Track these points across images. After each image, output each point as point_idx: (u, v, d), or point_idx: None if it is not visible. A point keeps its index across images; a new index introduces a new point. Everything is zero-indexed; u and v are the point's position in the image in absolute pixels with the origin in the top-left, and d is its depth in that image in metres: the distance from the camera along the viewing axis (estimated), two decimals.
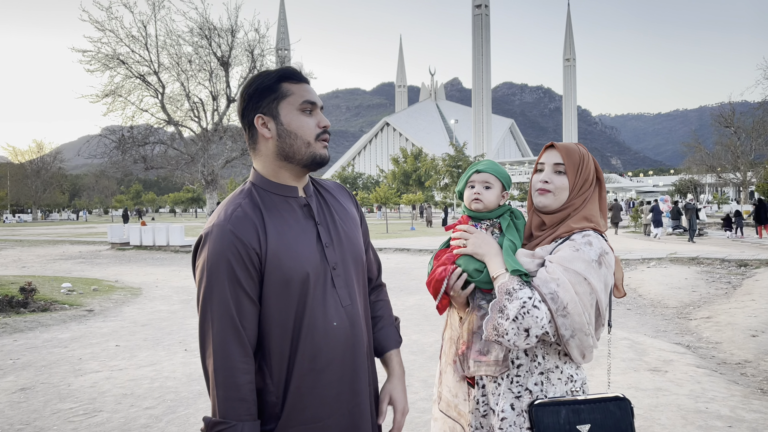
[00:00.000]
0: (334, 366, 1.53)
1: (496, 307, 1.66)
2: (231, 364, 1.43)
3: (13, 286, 10.47)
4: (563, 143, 1.86)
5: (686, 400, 4.73)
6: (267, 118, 1.55)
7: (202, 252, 1.49)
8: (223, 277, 1.45)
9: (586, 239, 1.70)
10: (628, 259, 15.15)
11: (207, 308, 1.46)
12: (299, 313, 1.51)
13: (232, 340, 1.44)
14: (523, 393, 1.70)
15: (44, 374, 5.73)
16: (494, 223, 1.91)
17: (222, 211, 1.54)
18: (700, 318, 8.39)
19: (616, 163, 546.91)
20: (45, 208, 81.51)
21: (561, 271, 1.63)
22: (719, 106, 47.44)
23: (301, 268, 1.51)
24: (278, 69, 1.60)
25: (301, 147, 1.56)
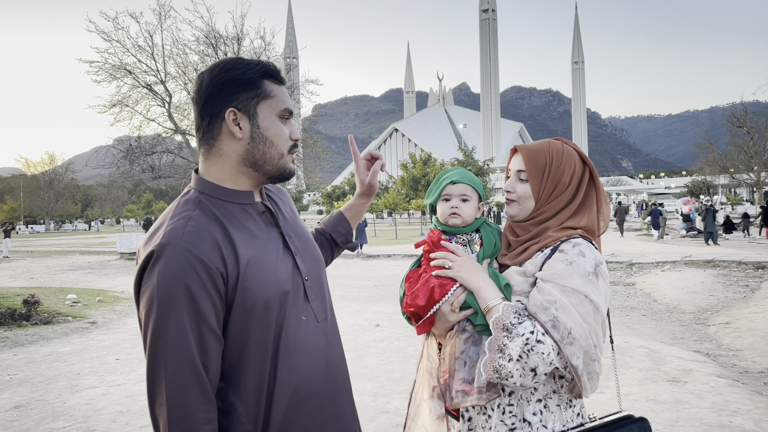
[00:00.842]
0: (316, 393, 1.35)
1: (494, 347, 1.43)
2: (189, 415, 1.18)
3: (18, 298, 10.36)
4: (529, 145, 1.65)
5: (708, 413, 4.48)
6: (241, 115, 1.33)
7: (150, 277, 1.20)
8: (181, 308, 1.18)
9: (578, 249, 1.49)
10: (642, 262, 14.85)
11: (159, 347, 1.18)
12: (277, 338, 1.30)
13: (191, 386, 1.18)
14: (518, 425, 1.48)
15: (40, 390, 5.57)
16: (472, 239, 1.69)
17: (169, 226, 1.25)
18: (718, 324, 8.10)
19: (626, 166, 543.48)
20: (57, 219, 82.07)
21: (558, 292, 1.43)
22: (731, 107, 46.83)
23: (279, 285, 1.31)
24: (260, 62, 1.37)
25: (274, 157, 1.37)
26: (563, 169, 1.60)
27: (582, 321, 1.40)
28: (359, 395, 5.12)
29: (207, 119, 1.34)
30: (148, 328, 1.20)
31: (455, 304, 1.57)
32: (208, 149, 1.37)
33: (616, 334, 7.48)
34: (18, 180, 76.12)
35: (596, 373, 1.44)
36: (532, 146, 1.64)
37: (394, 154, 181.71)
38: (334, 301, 10.46)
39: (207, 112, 1.34)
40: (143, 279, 1.22)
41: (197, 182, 1.38)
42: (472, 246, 1.68)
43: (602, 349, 1.45)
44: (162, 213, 1.37)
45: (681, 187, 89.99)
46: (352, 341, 7.26)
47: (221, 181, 1.36)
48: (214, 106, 1.33)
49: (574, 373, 1.40)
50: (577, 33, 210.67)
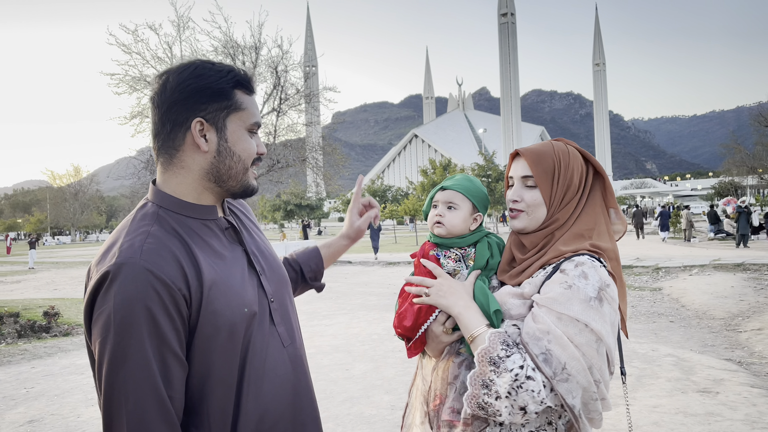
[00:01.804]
0: (282, 423, 1.25)
1: (478, 381, 1.27)
2: None
3: (40, 310, 10.42)
4: (532, 147, 1.48)
5: (742, 426, 4.25)
6: (208, 127, 1.21)
7: (106, 301, 1.07)
8: (142, 334, 1.06)
9: (580, 270, 1.31)
10: (669, 266, 14.48)
11: (118, 378, 1.05)
12: (242, 365, 1.20)
13: (156, 419, 1.06)
14: None
15: (55, 404, 5.53)
16: (467, 254, 1.52)
17: (124, 244, 1.13)
18: (750, 330, 7.79)
19: (651, 168, 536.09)
20: (83, 230, 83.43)
21: (553, 321, 1.26)
22: (758, 106, 45.92)
23: (244, 306, 1.21)
24: (232, 69, 1.25)
25: (239, 173, 1.27)
26: (572, 169, 1.44)
27: (580, 354, 1.23)
28: (376, 408, 4.98)
29: (169, 126, 1.22)
30: (104, 358, 1.07)
31: (447, 324, 1.42)
32: (169, 159, 1.25)
33: (643, 341, 7.24)
34: (44, 192, 77.73)
35: (599, 413, 1.27)
36: (536, 149, 1.47)
37: (414, 160, 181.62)
38: (353, 309, 10.34)
39: (170, 119, 1.21)
40: (96, 303, 1.09)
41: (155, 195, 1.25)
42: (467, 261, 1.51)
43: (608, 385, 1.29)
44: (115, 229, 1.24)
45: (707, 188, 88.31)
46: (370, 351, 7.12)
47: (182, 195, 1.25)
48: (179, 114, 1.20)
49: (571, 413, 1.24)
50: (598, 34, 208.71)
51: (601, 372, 1.26)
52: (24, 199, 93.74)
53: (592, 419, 1.28)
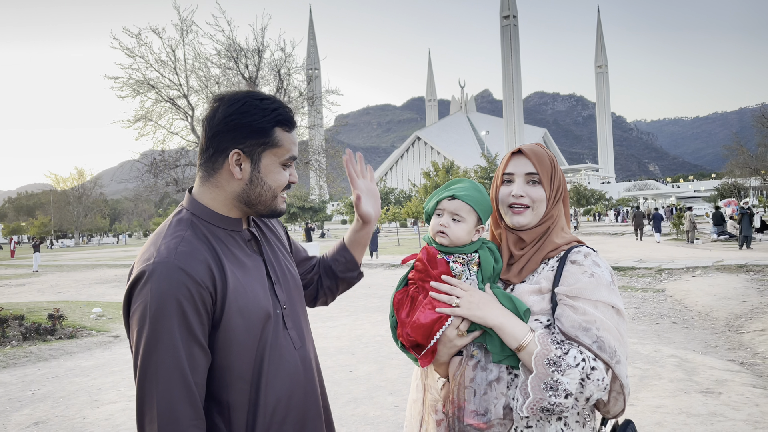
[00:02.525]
0: (291, 416, 1.38)
1: (539, 385, 1.30)
2: (180, 430, 1.19)
3: (44, 313, 10.47)
4: (532, 147, 1.55)
5: (744, 426, 4.27)
6: (244, 158, 1.36)
7: (141, 295, 1.22)
8: (173, 324, 1.20)
9: (591, 260, 1.43)
10: (672, 268, 14.48)
11: (151, 363, 1.20)
12: (258, 360, 1.33)
13: (182, 401, 1.20)
14: None
15: (61, 406, 5.57)
16: (471, 258, 1.52)
17: (161, 246, 1.28)
18: (753, 331, 7.80)
19: (654, 170, 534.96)
20: (87, 233, 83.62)
21: (592, 308, 1.35)
22: (761, 107, 45.85)
23: (261, 309, 1.34)
24: (276, 108, 1.37)
25: (268, 199, 1.41)
26: (560, 171, 1.57)
27: (619, 335, 1.34)
28: (380, 409, 5.01)
29: (212, 151, 1.36)
30: (139, 345, 1.21)
31: (462, 327, 1.44)
32: (207, 177, 1.39)
33: (645, 342, 7.25)
34: (48, 195, 77.92)
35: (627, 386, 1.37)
36: (535, 149, 1.56)
37: (417, 163, 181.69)
38: (356, 311, 10.35)
39: (213, 145, 1.36)
40: (133, 296, 1.25)
41: (191, 204, 1.40)
42: (470, 266, 1.52)
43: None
44: (154, 231, 1.41)
45: (710, 190, 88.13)
46: (374, 353, 7.15)
47: (214, 207, 1.39)
48: (221, 143, 1.35)
49: (622, 391, 1.33)
50: (600, 37, 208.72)
51: (626, 348, 1.37)
52: (28, 203, 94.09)
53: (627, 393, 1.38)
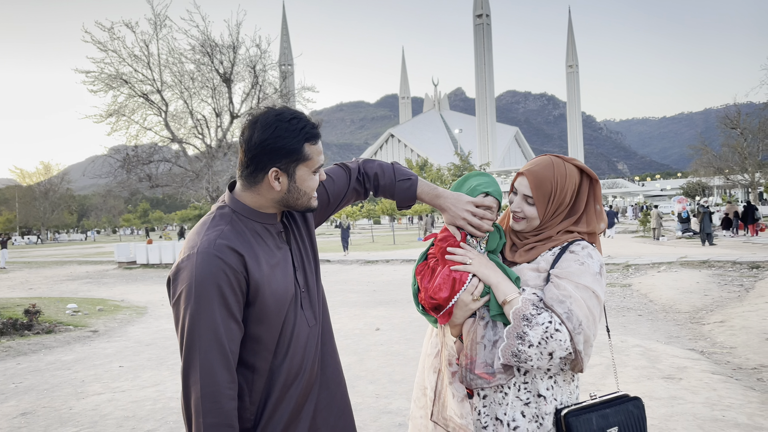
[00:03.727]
0: (302, 382, 1.62)
1: (513, 334, 1.64)
2: (219, 391, 1.42)
3: (18, 309, 10.41)
4: (535, 170, 1.81)
5: (702, 408, 4.59)
6: (281, 173, 1.57)
7: (185, 276, 1.46)
8: (213, 302, 1.43)
9: (587, 252, 1.73)
10: (638, 264, 14.98)
11: (194, 334, 1.43)
12: (282, 334, 1.58)
13: (220, 366, 1.43)
14: (533, 399, 1.69)
15: (46, 398, 5.65)
16: (482, 237, 1.87)
17: (204, 237, 1.51)
18: (713, 322, 8.21)
19: (622, 168, 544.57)
20: (53, 229, 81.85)
21: (572, 288, 1.65)
22: (725, 108, 47.10)
23: (286, 292, 1.58)
24: (304, 127, 1.58)
25: (303, 201, 1.64)
26: (566, 192, 1.79)
27: (589, 314, 1.61)
28: (361, 397, 5.21)
29: (252, 168, 1.57)
30: (185, 318, 1.44)
31: (476, 293, 1.74)
32: (248, 186, 1.60)
33: (614, 334, 7.60)
34: (13, 191, 75.97)
35: (589, 357, 1.65)
36: (539, 172, 1.80)
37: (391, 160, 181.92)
38: (333, 306, 10.54)
39: (254, 163, 1.56)
40: (179, 278, 1.48)
41: (232, 202, 1.62)
42: (482, 243, 1.87)
43: (595, 338, 1.67)
44: (198, 223, 1.63)
45: (676, 188, 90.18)
46: (353, 345, 7.35)
47: (254, 206, 1.61)
48: (260, 162, 1.56)
49: (578, 355, 1.61)
50: (571, 37, 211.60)
51: (596, 327, 1.67)
52: None
53: (587, 357, 1.66)
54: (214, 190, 23.36)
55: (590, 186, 1.85)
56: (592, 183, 1.85)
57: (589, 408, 1.67)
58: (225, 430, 1.42)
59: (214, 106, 23.67)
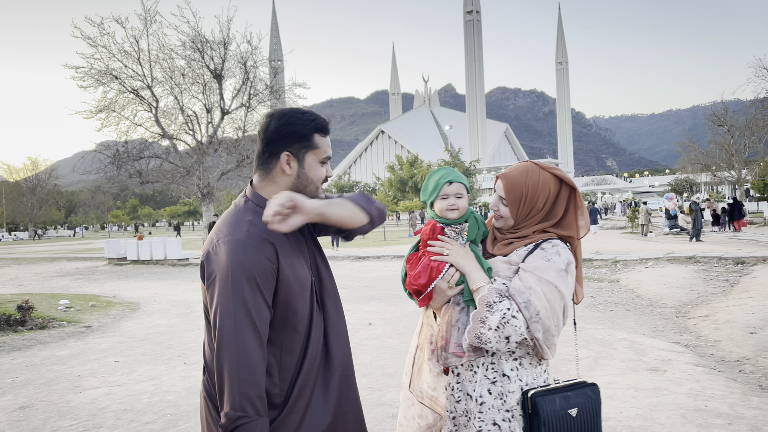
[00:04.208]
0: (319, 365, 1.76)
1: (477, 318, 1.81)
2: (251, 364, 1.56)
3: (10, 305, 10.43)
4: (510, 175, 1.98)
5: (685, 398, 4.74)
6: (292, 158, 1.74)
7: (221, 261, 1.60)
8: (247, 286, 1.58)
9: (556, 249, 1.88)
10: (626, 260, 15.18)
11: (230, 313, 1.56)
12: (308, 317, 1.73)
13: (253, 342, 1.57)
14: (499, 378, 1.86)
15: (43, 392, 5.72)
16: (462, 228, 2.04)
17: (235, 227, 1.66)
18: (698, 317, 8.40)
19: (611, 165, 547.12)
20: (41, 226, 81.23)
21: (535, 281, 1.80)
22: (712, 105, 47.50)
23: (306, 277, 1.73)
24: (315, 119, 1.77)
25: (311, 190, 1.79)
26: (537, 197, 1.94)
27: (549, 306, 1.77)
28: None
29: (267, 154, 1.75)
30: (220, 300, 1.59)
31: (451, 281, 1.92)
32: (265, 174, 1.77)
33: (600, 328, 7.76)
34: (0, 187, 75.30)
35: (554, 345, 1.82)
36: (512, 177, 1.97)
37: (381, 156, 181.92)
38: None
39: (269, 150, 1.74)
40: (212, 263, 1.63)
41: (253, 195, 1.78)
42: (463, 233, 2.02)
43: (560, 328, 1.82)
44: (226, 213, 1.78)
45: (664, 185, 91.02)
46: None
47: (267, 195, 1.75)
48: (274, 148, 1.73)
49: (537, 343, 1.78)
50: (561, 34, 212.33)
51: (558, 320, 1.81)
52: None
53: (550, 347, 1.82)
54: (205, 186, 23.37)
55: (571, 193, 1.99)
56: (573, 191, 1.99)
57: (553, 390, 1.84)
58: (257, 399, 1.55)
59: (205, 102, 23.67)
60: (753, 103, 38.53)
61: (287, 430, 1.65)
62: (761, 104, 34.91)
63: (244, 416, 1.53)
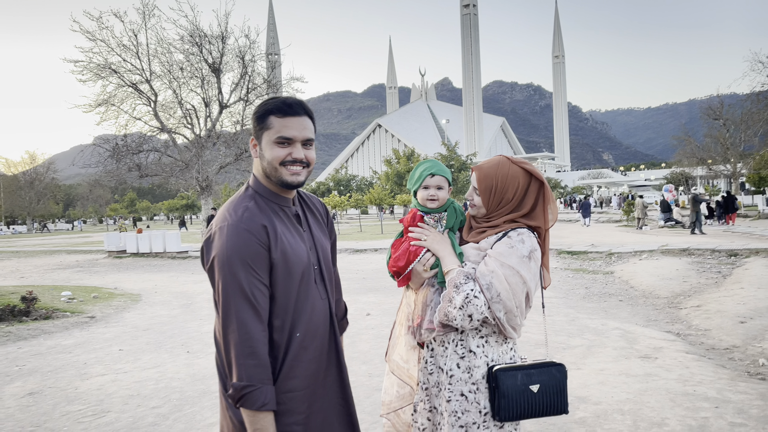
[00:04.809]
0: (315, 345, 1.89)
1: (446, 297, 2.01)
2: (253, 337, 1.69)
3: (13, 296, 10.55)
4: (483, 168, 2.15)
5: (675, 384, 4.91)
6: (256, 142, 1.89)
7: (217, 246, 1.74)
8: (242, 267, 1.70)
9: (520, 237, 2.03)
10: (621, 252, 15.37)
11: (229, 292, 1.70)
12: (297, 299, 1.83)
13: (253, 317, 1.70)
14: (466, 354, 2.04)
15: (51, 379, 5.86)
16: (441, 216, 2.24)
17: (232, 212, 1.79)
18: (690, 307, 8.58)
19: (607, 158, 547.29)
20: (40, 219, 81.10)
21: (497, 266, 1.97)
22: (708, 99, 47.58)
23: (300, 263, 1.84)
24: (270, 101, 1.87)
25: (271, 171, 1.86)
26: (506, 189, 2.10)
27: (509, 288, 1.92)
28: (354, 376, 5.47)
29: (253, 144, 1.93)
30: (220, 280, 1.72)
31: (426, 264, 2.12)
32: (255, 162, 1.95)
33: (594, 317, 7.93)
34: None
35: (518, 326, 1.99)
36: (485, 169, 2.14)
37: (378, 150, 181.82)
38: None
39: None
40: (211, 246, 1.77)
41: (255, 184, 1.93)
42: (442, 222, 2.23)
43: (523, 311, 2.00)
44: (228, 201, 1.91)
45: (660, 179, 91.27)
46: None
47: (268, 186, 1.90)
48: (253, 136, 1.92)
49: (499, 322, 1.95)
50: (558, 28, 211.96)
51: (520, 302, 1.97)
52: None
53: (514, 327, 2.01)
54: (204, 179, 23.46)
55: (540, 187, 2.15)
56: (542, 184, 2.15)
57: (517, 367, 2.00)
58: (261, 368, 1.69)
59: (203, 96, 23.73)
60: (748, 96, 38.67)
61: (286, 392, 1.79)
62: (756, 98, 35.03)
63: (249, 385, 1.66)
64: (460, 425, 1.99)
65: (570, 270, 13.46)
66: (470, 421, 1.98)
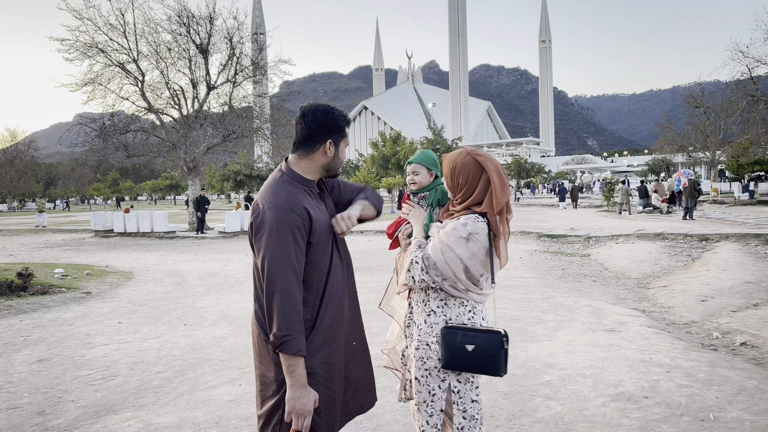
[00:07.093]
0: (341, 299, 2.32)
1: (406, 262, 2.47)
2: (295, 297, 2.07)
3: (6, 273, 10.84)
4: (449, 156, 2.53)
5: (634, 353, 5.42)
6: (332, 144, 2.29)
7: (267, 222, 2.10)
8: (288, 240, 2.08)
9: (464, 222, 2.37)
10: (598, 236, 15.93)
11: (276, 260, 2.06)
12: (328, 262, 2.27)
13: (294, 282, 2.08)
14: (430, 312, 2.45)
15: (57, 348, 6.23)
16: (423, 196, 2.76)
17: (276, 194, 2.16)
18: (657, 287, 9.13)
19: (592, 144, 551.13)
20: (20, 198, 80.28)
21: (437, 241, 2.38)
22: (691, 87, 48.28)
23: (329, 230, 2.28)
24: (346, 117, 2.34)
25: (338, 167, 2.39)
26: (459, 175, 2.47)
27: (444, 259, 2.34)
28: None
29: (313, 140, 2.27)
30: (267, 251, 2.08)
31: (404, 233, 2.68)
32: (305, 154, 2.29)
33: (568, 296, 8.45)
34: None
35: (462, 290, 2.38)
36: (448, 158, 2.54)
37: (364, 132, 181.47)
38: None
39: (314, 136, 2.26)
40: (261, 222, 2.12)
41: (288, 171, 2.30)
42: (425, 200, 2.75)
43: (466, 282, 2.36)
44: (265, 183, 2.28)
45: (642, 165, 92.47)
46: None
47: (304, 173, 2.30)
48: (320, 135, 2.26)
49: (441, 286, 2.39)
50: (545, 12, 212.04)
51: (457, 274, 2.34)
52: None
53: (457, 291, 2.40)
54: (191, 160, 23.63)
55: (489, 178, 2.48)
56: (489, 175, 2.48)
57: (461, 328, 2.36)
58: (298, 324, 2.07)
59: (191, 77, 23.81)
60: (728, 85, 39.39)
61: (315, 344, 2.19)
62: (736, 86, 35.74)
63: (288, 335, 2.04)
64: (425, 369, 2.43)
65: (549, 252, 13.99)
66: (432, 365, 2.42)
